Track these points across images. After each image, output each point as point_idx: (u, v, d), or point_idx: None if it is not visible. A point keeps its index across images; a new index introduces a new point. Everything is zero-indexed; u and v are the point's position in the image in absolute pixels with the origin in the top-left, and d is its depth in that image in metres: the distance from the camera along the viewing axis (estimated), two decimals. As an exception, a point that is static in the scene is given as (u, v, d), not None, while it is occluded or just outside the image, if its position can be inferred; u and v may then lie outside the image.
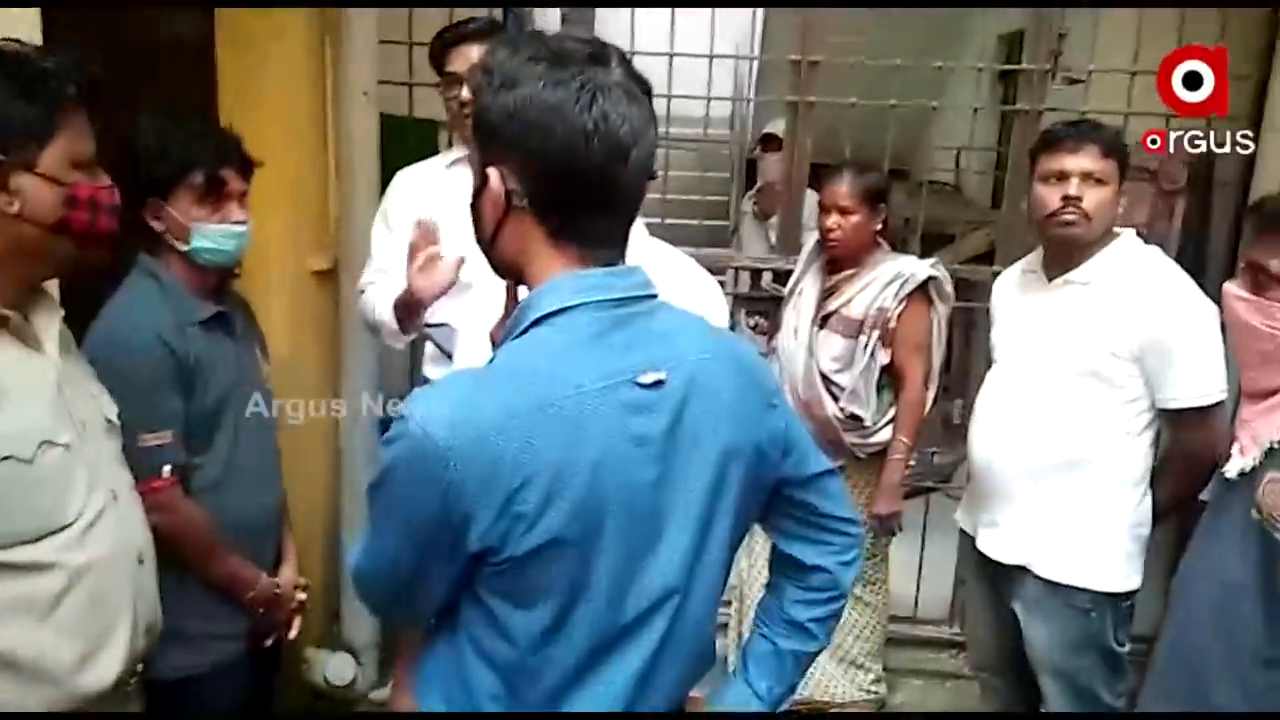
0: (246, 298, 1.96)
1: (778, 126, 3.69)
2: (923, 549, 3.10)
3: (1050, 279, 2.08)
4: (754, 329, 3.18)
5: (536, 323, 0.98)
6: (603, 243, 1.00)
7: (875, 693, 2.86)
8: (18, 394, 1.17)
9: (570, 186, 0.95)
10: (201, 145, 1.68)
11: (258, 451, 1.81)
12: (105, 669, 1.25)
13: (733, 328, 3.34)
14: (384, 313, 2.04)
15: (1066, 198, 1.96)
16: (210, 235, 1.68)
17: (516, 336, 0.99)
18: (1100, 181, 1.97)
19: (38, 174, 1.18)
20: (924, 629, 3.14)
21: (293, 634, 1.88)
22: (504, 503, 0.92)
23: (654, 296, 1.03)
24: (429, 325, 2.05)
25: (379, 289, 2.11)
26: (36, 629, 1.17)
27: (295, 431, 2.40)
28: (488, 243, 1.03)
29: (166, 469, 1.61)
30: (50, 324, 1.27)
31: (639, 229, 1.44)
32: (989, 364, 2.25)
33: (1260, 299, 1.50)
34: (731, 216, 4.49)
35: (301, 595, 1.90)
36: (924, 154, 5.08)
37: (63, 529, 1.19)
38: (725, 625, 3.00)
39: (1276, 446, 1.51)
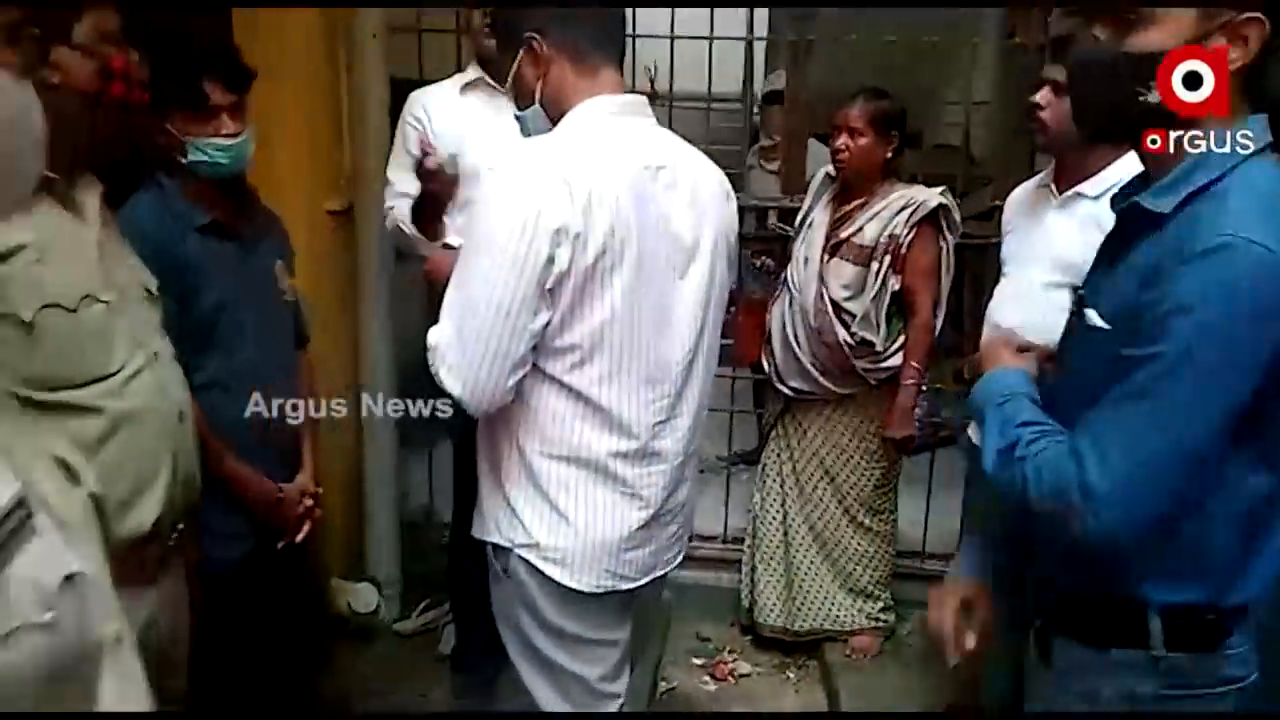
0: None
1: (779, 80, 3.73)
2: (929, 500, 3.12)
3: (1060, 192, 2.12)
4: (760, 269, 3.21)
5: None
6: None
7: (884, 621, 2.90)
8: (62, 252, 1.23)
9: None
10: (181, 61, 1.68)
11: (264, 358, 1.83)
12: (145, 513, 1.30)
13: (740, 268, 3.38)
14: (409, 225, 2.15)
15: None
16: (203, 148, 1.70)
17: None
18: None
19: (74, 46, 1.23)
20: (932, 564, 3.16)
21: (299, 537, 1.90)
22: None
23: None
24: (446, 246, 2.10)
25: (403, 209, 2.21)
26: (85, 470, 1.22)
27: (314, 360, 2.45)
28: None
29: None
30: (92, 196, 1.33)
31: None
32: (998, 278, 2.29)
33: None
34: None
35: (309, 502, 1.92)
36: (936, 117, 5.08)
37: (106, 378, 1.25)
38: (738, 563, 3.06)
39: None
